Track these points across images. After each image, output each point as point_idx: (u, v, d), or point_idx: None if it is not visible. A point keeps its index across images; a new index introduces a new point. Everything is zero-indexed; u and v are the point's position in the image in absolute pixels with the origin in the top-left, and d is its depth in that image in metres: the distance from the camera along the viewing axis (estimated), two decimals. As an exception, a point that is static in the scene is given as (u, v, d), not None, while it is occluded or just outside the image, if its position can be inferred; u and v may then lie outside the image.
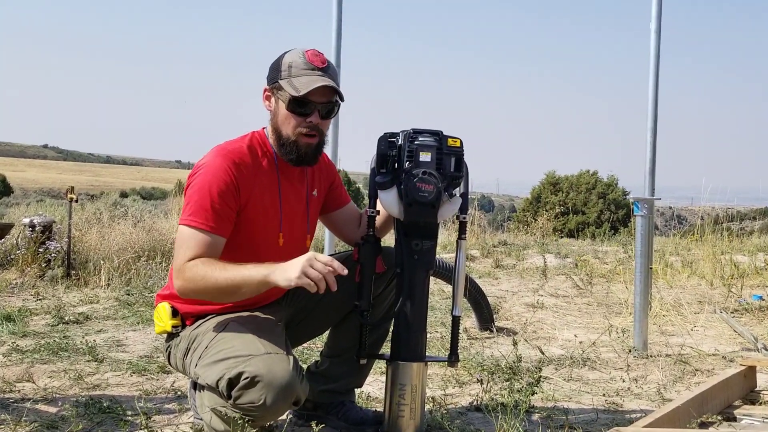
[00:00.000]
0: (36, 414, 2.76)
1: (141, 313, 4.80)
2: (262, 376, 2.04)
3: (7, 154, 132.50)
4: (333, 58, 4.06)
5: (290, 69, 2.28)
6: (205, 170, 2.24)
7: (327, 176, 2.60)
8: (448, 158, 2.35)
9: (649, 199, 3.83)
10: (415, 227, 2.35)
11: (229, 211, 2.24)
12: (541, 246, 9.04)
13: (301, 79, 2.26)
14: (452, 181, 2.36)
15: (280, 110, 2.32)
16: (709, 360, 3.78)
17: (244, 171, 2.28)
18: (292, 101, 2.28)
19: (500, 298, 5.56)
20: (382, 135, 2.39)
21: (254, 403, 2.05)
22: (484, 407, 2.84)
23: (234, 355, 2.12)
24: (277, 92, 2.32)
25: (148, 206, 12.13)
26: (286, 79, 2.27)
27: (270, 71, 2.34)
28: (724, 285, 5.64)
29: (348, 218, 2.67)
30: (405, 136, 2.35)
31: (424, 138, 2.34)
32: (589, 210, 26.63)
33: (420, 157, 2.31)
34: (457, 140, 2.37)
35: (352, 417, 2.63)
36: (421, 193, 2.26)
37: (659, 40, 3.84)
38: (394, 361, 2.38)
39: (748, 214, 14.20)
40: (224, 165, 2.24)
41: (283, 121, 2.32)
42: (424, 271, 2.38)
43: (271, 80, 2.33)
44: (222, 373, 2.09)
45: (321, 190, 2.56)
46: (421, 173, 2.27)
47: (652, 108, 3.85)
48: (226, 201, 2.23)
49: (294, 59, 2.29)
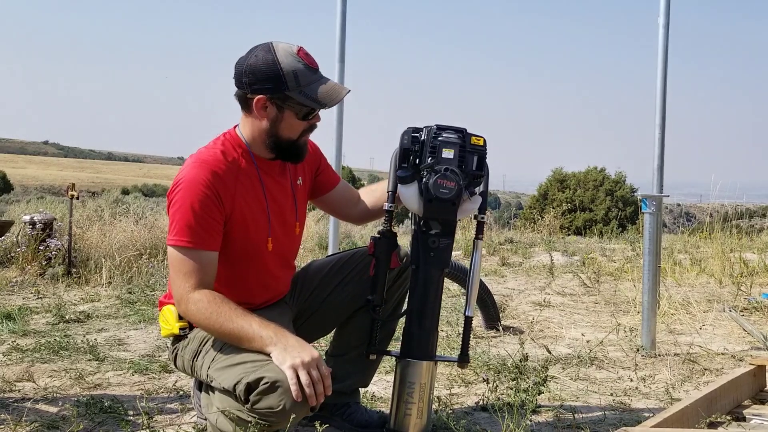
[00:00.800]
0: (36, 414, 2.74)
1: (143, 312, 4.78)
2: (282, 382, 2.00)
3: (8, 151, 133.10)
4: (337, 53, 4.02)
5: (297, 78, 2.19)
6: (184, 185, 2.18)
7: (312, 162, 2.55)
8: (470, 156, 2.32)
9: (657, 196, 3.78)
10: (434, 224, 2.33)
11: (214, 224, 2.20)
12: (547, 244, 9.01)
13: (314, 87, 2.21)
14: (473, 180, 2.33)
15: (285, 119, 2.26)
16: (718, 359, 3.74)
17: (224, 178, 2.22)
18: (309, 112, 2.26)
19: (507, 297, 5.53)
20: (405, 129, 2.37)
21: (273, 408, 2.02)
22: (491, 407, 2.82)
23: (251, 359, 2.09)
24: (283, 103, 2.23)
25: (149, 203, 12.14)
26: (295, 90, 2.20)
27: (263, 80, 2.20)
28: (733, 283, 5.60)
29: (342, 197, 2.65)
30: (428, 132, 2.32)
31: (447, 135, 2.31)
32: (596, 207, 26.62)
33: (443, 154, 2.28)
34: (480, 139, 2.35)
35: (356, 419, 2.61)
36: (442, 189, 2.24)
37: (667, 35, 3.79)
38: (404, 358, 2.35)
39: (758, 211, 14.14)
40: (202, 177, 2.18)
41: (288, 128, 2.27)
42: (439, 268, 2.36)
43: (270, 90, 2.21)
44: (240, 377, 2.06)
45: (306, 177, 2.53)
46: (443, 170, 2.25)
47: (660, 103, 3.81)
48: (210, 214, 2.18)
49: (295, 67, 2.19)
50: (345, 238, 9.15)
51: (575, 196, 26.59)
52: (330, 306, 2.55)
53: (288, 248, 2.48)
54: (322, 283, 2.55)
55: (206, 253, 2.18)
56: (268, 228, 2.35)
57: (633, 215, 23.55)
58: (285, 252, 2.46)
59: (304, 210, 2.54)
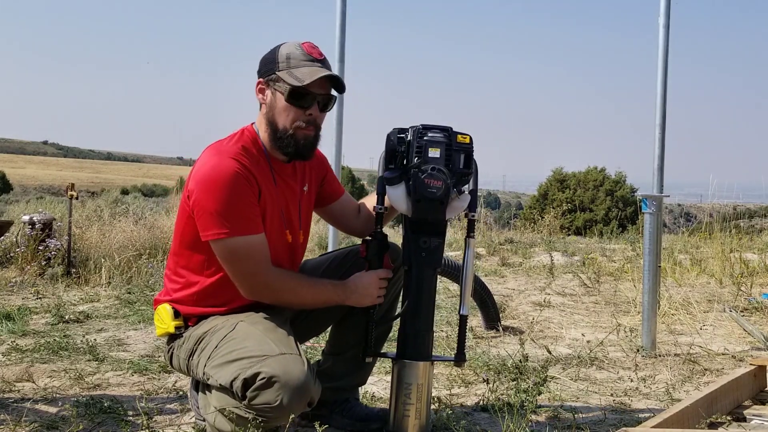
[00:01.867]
0: (36, 414, 2.74)
1: (142, 312, 4.77)
2: (278, 377, 2.02)
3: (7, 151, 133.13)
4: (336, 52, 4.02)
5: (288, 60, 2.26)
6: (220, 178, 2.18)
7: (319, 171, 2.57)
8: (457, 155, 2.32)
9: (657, 196, 3.78)
10: (423, 224, 2.33)
11: (257, 209, 2.24)
12: (548, 244, 9.00)
13: (301, 69, 2.24)
14: (461, 178, 2.34)
15: (277, 102, 2.28)
16: (718, 359, 3.74)
17: (250, 168, 2.25)
18: (292, 92, 2.25)
19: (507, 297, 5.52)
20: (391, 130, 2.37)
21: (270, 404, 2.03)
22: (491, 407, 2.81)
23: (248, 356, 2.10)
24: (274, 84, 2.28)
25: (149, 203, 12.13)
26: (285, 70, 2.25)
27: (264, 64, 2.32)
28: (733, 283, 5.59)
29: (345, 209, 2.66)
30: (414, 132, 2.33)
31: (433, 134, 2.31)
32: (596, 207, 26.61)
33: (429, 153, 2.28)
34: (466, 137, 2.35)
35: (356, 413, 2.61)
36: (430, 189, 2.24)
37: (668, 35, 3.79)
38: (400, 359, 2.36)
39: (758, 211, 14.13)
40: (235, 168, 2.20)
41: (280, 113, 2.28)
42: (432, 268, 2.36)
43: (266, 72, 2.30)
44: (236, 374, 2.07)
45: (312, 185, 2.53)
46: (429, 169, 2.25)
47: (660, 103, 3.80)
48: (251, 202, 2.22)
49: (291, 51, 2.27)
50: (345, 239, 9.14)
51: (575, 196, 26.58)
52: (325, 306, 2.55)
53: (298, 247, 2.48)
54: None
55: (263, 236, 2.24)
56: (284, 222, 2.37)
57: (633, 215, 23.55)
58: (296, 250, 2.48)
59: (306, 218, 2.53)
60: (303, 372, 2.06)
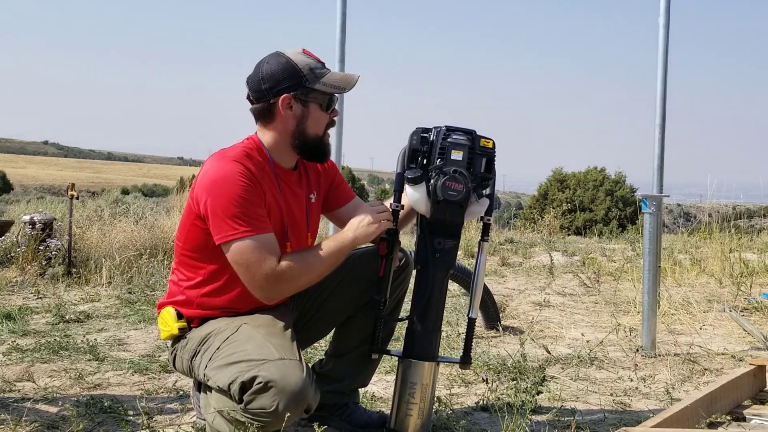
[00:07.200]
0: (36, 414, 2.74)
1: (143, 312, 4.78)
2: (275, 382, 2.02)
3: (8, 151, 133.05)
4: (337, 52, 4.02)
5: (313, 71, 2.28)
6: (227, 180, 2.19)
7: (327, 178, 2.57)
8: (479, 159, 2.32)
9: (657, 196, 3.78)
10: (440, 225, 2.32)
11: (263, 210, 2.25)
12: (547, 244, 9.00)
13: (330, 77, 2.30)
14: (481, 182, 2.34)
15: (311, 113, 2.31)
16: (718, 359, 3.74)
17: (255, 173, 2.25)
18: (330, 101, 2.33)
19: (507, 297, 5.52)
20: (414, 129, 2.36)
21: (266, 409, 2.03)
22: (490, 407, 2.81)
23: (247, 359, 2.10)
24: (307, 96, 2.29)
25: (149, 203, 12.11)
26: (315, 82, 2.28)
27: (280, 80, 2.27)
28: (733, 283, 5.60)
29: (354, 214, 2.64)
30: (438, 133, 2.32)
31: (457, 136, 2.31)
32: (596, 207, 26.59)
33: (452, 156, 2.28)
34: (489, 141, 2.34)
35: (356, 419, 2.60)
36: (451, 191, 2.24)
37: (668, 35, 3.79)
38: (407, 358, 2.35)
39: (758, 211, 14.12)
40: (240, 170, 2.21)
41: (314, 122, 2.32)
42: (444, 270, 2.36)
43: (290, 87, 2.27)
44: (234, 377, 2.08)
45: (320, 192, 2.54)
46: (451, 172, 2.25)
47: (660, 103, 3.80)
48: (258, 202, 2.23)
49: (307, 61, 2.29)
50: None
51: (575, 196, 26.56)
52: (329, 308, 2.55)
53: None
54: (321, 286, 2.54)
55: (272, 235, 2.23)
56: (287, 233, 2.36)
57: (633, 215, 23.54)
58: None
59: (316, 222, 2.54)
60: (301, 378, 2.06)
